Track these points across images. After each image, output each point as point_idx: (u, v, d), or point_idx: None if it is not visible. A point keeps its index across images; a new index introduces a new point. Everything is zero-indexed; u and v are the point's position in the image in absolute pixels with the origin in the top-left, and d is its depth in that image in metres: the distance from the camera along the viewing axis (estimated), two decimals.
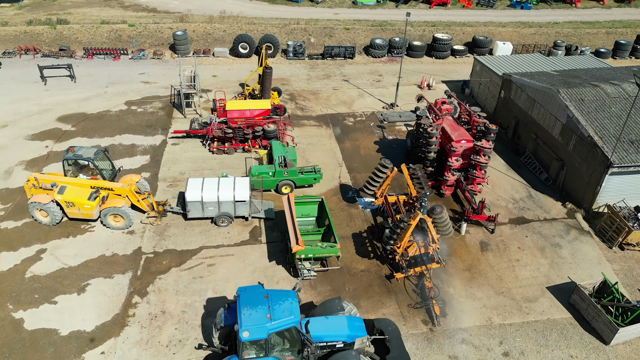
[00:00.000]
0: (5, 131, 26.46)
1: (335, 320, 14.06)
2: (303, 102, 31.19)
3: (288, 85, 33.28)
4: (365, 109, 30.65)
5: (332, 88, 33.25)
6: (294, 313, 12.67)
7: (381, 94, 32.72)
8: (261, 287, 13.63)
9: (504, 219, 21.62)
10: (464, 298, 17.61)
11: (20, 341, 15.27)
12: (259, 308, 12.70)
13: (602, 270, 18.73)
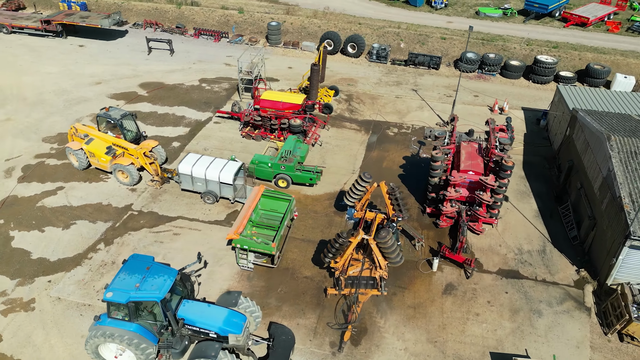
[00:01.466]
0: (96, 87, 31.40)
1: (215, 311, 14.28)
2: (357, 105, 30.83)
3: (353, 87, 33.11)
4: (417, 122, 29.10)
5: (395, 96, 32.17)
6: (161, 290, 13.27)
7: (445, 109, 30.62)
8: (152, 259, 14.47)
9: (492, 268, 19.03)
10: (389, 334, 16.21)
11: (3, 254, 18.55)
12: (134, 276, 13.61)
13: (572, 356, 15.49)
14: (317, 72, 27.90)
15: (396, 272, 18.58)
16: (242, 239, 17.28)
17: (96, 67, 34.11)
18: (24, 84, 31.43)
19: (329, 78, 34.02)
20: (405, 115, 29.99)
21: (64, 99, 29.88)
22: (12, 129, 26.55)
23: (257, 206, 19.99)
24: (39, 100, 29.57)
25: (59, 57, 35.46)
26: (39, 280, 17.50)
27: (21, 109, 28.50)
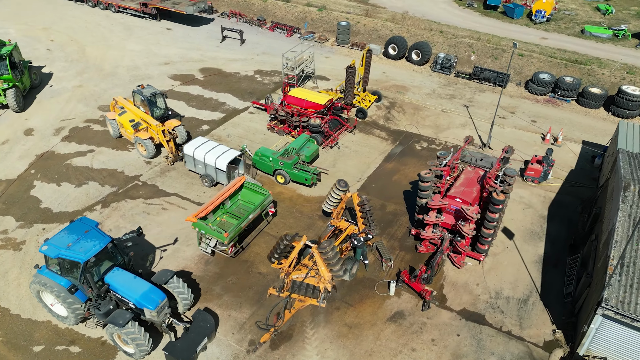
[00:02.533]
0: (163, 67, 34.37)
1: (139, 284, 15.14)
2: (395, 114, 29.79)
3: (401, 95, 31.99)
4: (452, 140, 27.29)
5: (441, 109, 30.43)
6: (87, 253, 14.42)
7: (494, 132, 28.17)
8: (96, 224, 15.72)
9: (455, 306, 17.38)
10: (311, 347, 15.74)
11: (20, 198, 21.48)
12: (71, 236, 14.98)
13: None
14: (352, 74, 27.46)
15: (351, 287, 17.91)
16: (199, 223, 17.96)
17: (171, 50, 37.23)
18: (107, 57, 35.50)
19: (381, 83, 33.29)
20: (443, 130, 28.26)
21: (132, 74, 33.18)
22: (79, 94, 30.26)
23: (237, 196, 20.56)
24: (112, 73, 33.22)
25: (146, 37, 39.34)
26: (36, 227, 19.98)
27: (94, 79, 32.29)
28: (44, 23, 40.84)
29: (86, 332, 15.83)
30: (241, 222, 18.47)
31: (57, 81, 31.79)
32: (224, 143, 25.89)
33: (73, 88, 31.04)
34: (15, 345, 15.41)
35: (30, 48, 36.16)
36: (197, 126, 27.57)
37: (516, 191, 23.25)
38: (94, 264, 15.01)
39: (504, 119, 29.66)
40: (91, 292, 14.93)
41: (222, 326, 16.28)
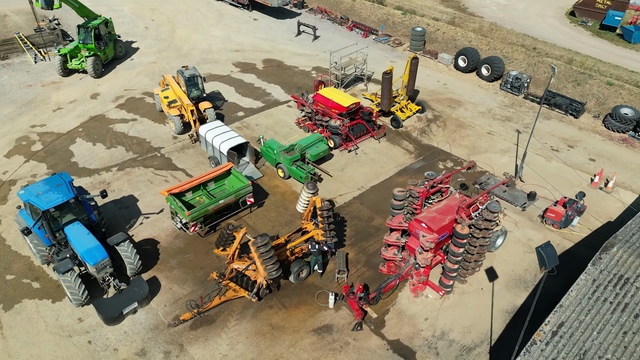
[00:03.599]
0: (231, 54, 36.54)
1: (89, 241, 16.64)
2: (434, 128, 28.17)
3: (450, 109, 30.06)
4: (484, 165, 25.07)
5: (487, 131, 28.01)
6: (48, 204, 16.27)
7: (534, 162, 25.29)
8: (71, 181, 17.58)
9: (390, 335, 16.26)
10: (226, 336, 15.98)
11: (59, 150, 24.76)
12: (45, 186, 17.02)
13: None
14: (387, 81, 26.55)
15: (294, 290, 17.76)
16: (169, 198, 19.13)
17: (248, 39, 39.32)
18: (190, 39, 38.74)
19: (436, 94, 31.63)
20: (478, 153, 26.05)
21: (202, 57, 35.83)
22: (149, 69, 33.63)
23: (224, 181, 21.42)
24: (187, 54, 36.24)
25: (231, 25, 42.04)
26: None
27: (169, 57, 35.55)
28: (152, 4, 45.77)
29: (50, 274, 17.96)
30: (208, 205, 19.26)
31: (139, 56, 35.63)
32: (250, 131, 26.95)
33: (148, 63, 34.53)
34: None
35: (132, 25, 40.89)
36: (234, 112, 28.99)
37: (527, 232, 20.73)
38: (57, 214, 16.92)
39: (556, 151, 26.34)
40: (52, 239, 16.90)
41: (159, 296, 17.29)
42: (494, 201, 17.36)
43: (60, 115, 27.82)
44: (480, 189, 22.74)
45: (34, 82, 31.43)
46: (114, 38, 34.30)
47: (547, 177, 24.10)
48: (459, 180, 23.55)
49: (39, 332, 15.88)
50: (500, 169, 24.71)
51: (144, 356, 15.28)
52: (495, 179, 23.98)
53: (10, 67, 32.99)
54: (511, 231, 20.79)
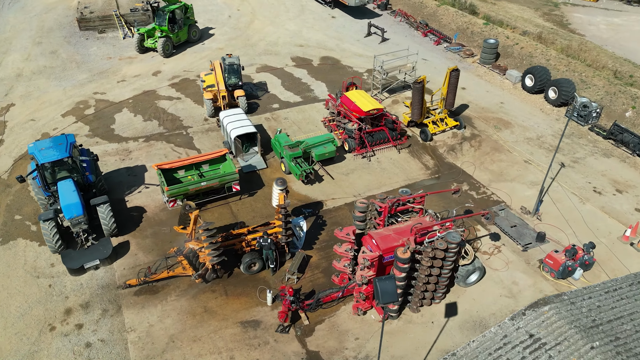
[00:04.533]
0: (294, 48, 37.38)
1: (72, 197, 18.34)
2: (466, 147, 26.24)
3: (495, 130, 27.69)
4: (502, 195, 22.88)
5: (525, 159, 25.36)
6: (44, 158, 18.33)
7: (566, 204, 22.43)
8: (73, 142, 19.68)
9: (312, 346, 15.80)
10: (159, 309, 16.82)
11: (105, 116, 27.67)
12: (50, 143, 19.25)
13: None
14: (418, 90, 25.30)
15: (242, 281, 18.10)
16: (158, 172, 20.47)
17: (317, 35, 39.89)
18: (263, 31, 40.42)
19: (486, 112, 29.41)
20: (501, 181, 23.77)
21: (266, 49, 37.22)
22: (213, 54, 35.80)
23: (219, 165, 22.30)
24: (253, 44, 37.92)
25: (307, 21, 42.92)
26: (95, 139, 25.73)
27: (236, 45, 37.49)
28: None
29: None
30: (188, 184, 20.26)
31: (210, 41, 38.12)
32: (276, 123, 27.54)
33: (216, 49, 36.79)
34: (10, 209, 21.00)
35: (219, 13, 43.76)
36: (270, 103, 29.81)
37: (516, 275, 18.60)
38: (53, 169, 19.09)
39: (598, 193, 23.00)
40: (45, 190, 19.17)
41: (123, 259, 18.72)
42: (455, 232, 15.86)
43: (120, 87, 31.01)
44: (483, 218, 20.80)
45: (115, 55, 35.34)
46: (190, 23, 37.08)
47: (572, 221, 21.22)
48: (466, 206, 21.83)
49: (16, 267, 18.20)
50: (520, 202, 22.27)
51: (86, 309, 16.76)
52: (510, 212, 21.72)
53: (102, 41, 37.41)
54: (497, 270, 18.78)
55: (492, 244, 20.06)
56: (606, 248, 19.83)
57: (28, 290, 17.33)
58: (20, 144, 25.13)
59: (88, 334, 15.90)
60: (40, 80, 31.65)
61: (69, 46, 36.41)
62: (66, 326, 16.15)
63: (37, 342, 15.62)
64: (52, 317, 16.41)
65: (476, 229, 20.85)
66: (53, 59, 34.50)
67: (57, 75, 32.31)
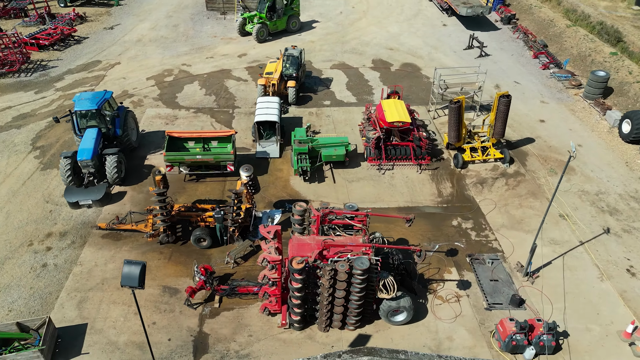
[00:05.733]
0: (383, 51, 36.70)
1: (90, 143, 21.59)
2: (499, 185, 23.26)
3: (548, 174, 23.93)
4: (506, 245, 19.97)
5: (562, 213, 21.53)
6: (78, 107, 21.85)
7: (578, 277, 18.70)
8: (110, 95, 22.76)
9: (208, 328, 16.22)
10: (107, 255, 18.93)
11: (178, 85, 31.11)
12: (90, 96, 22.61)
13: None
14: (453, 111, 23.12)
15: (191, 251, 19.17)
16: (166, 137, 22.55)
17: (414, 41, 38.45)
18: (363, 30, 40.39)
19: (553, 151, 25.55)
20: (513, 230, 20.63)
21: (354, 48, 37.20)
22: (302, 45, 37.20)
23: (226, 144, 23.59)
24: (345, 42, 38.22)
25: (414, 25, 41.51)
26: (157, 103, 29.23)
27: (328, 41, 38.27)
28: None
29: None
30: (184, 154, 22.03)
31: (307, 34, 39.53)
32: (317, 119, 27.83)
33: (308, 41, 38.13)
34: (62, 146, 25.28)
35: (333, 8, 45.00)
36: (322, 99, 30.10)
37: (459, 332, 16.37)
38: (84, 117, 22.47)
39: (631, 274, 18.52)
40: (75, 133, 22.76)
41: (113, 206, 21.29)
42: (366, 258, 14.62)
43: (205, 62, 34.38)
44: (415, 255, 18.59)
45: (219, 35, 39.12)
46: (292, 14, 38.97)
47: (572, 294, 17.64)
48: (455, 244, 19.69)
49: (38, 191, 22.09)
50: (521, 258, 19.10)
51: (61, 237, 19.69)
52: (501, 265, 18.90)
53: (219, 21, 41.63)
54: (440, 319, 16.68)
55: (455, 291, 17.76)
56: (596, 338, 16.05)
57: (34, 210, 20.99)
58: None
59: (49, 257, 18.75)
60: (150, 47, 36.77)
61: (190, 22, 41.35)
62: (40, 245, 19.26)
63: (14, 251, 18.99)
64: (35, 236, 19.70)
65: (449, 270, 18.62)
66: (171, 31, 39.65)
67: (165, 45, 37.14)
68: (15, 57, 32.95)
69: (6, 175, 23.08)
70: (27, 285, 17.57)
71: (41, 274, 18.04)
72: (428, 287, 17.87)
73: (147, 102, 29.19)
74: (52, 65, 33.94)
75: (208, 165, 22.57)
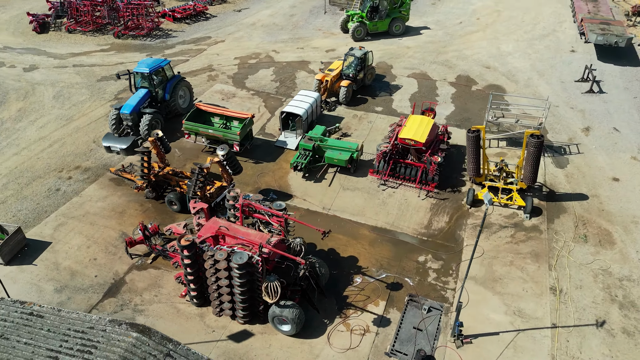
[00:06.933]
0: (477, 68, 33.74)
1: (135, 100, 25.07)
2: (503, 235, 20.17)
3: (572, 238, 19.91)
4: (463, 299, 17.57)
5: (554, 286, 17.84)
6: (136, 69, 25.54)
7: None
8: (167, 63, 25.86)
9: (125, 287, 18.01)
10: (104, 193, 21.99)
11: (246, 70, 33.47)
12: (150, 61, 26.13)
13: None
14: (471, 140, 20.60)
15: (168, 214, 21.17)
16: (194, 108, 24.82)
17: (520, 62, 34.23)
18: (470, 44, 37.49)
19: (603, 217, 21.08)
20: (480, 286, 17.84)
21: (446, 60, 34.75)
22: (392, 52, 36.33)
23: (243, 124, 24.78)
24: (441, 52, 36.03)
25: (534, 46, 36.64)
26: (227, 80, 31.95)
27: (426, 50, 36.50)
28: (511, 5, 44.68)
29: None
30: (199, 126, 23.93)
31: (408, 39, 38.28)
32: (356, 122, 27.41)
33: (403, 47, 37.03)
34: None
35: (455, 17, 42.61)
36: (376, 105, 29.27)
37: None
38: (139, 78, 25.96)
39: None
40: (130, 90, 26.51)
41: (133, 158, 24.38)
42: (246, 254, 14.59)
43: (293, 52, 36.07)
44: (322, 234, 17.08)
45: (324, 29, 40.47)
46: (398, 17, 38.14)
47: None
48: (407, 280, 18.10)
49: (92, 131, 26.42)
50: (469, 319, 16.54)
51: (84, 171, 23.42)
52: (439, 318, 16.74)
53: (334, 16, 42.96)
54: (330, 346, 15.69)
55: (368, 324, 16.34)
56: None
57: (81, 146, 25.32)
58: (193, 66, 33.76)
59: (65, 184, 22.61)
60: (257, 31, 39.95)
61: (307, 14, 43.51)
62: (65, 174, 23.31)
63: (47, 173, 23.34)
64: (67, 165, 23.87)
65: (377, 302, 17.14)
66: (284, 20, 42.35)
67: (270, 31, 39.93)
68: (147, 23, 39.08)
69: (82, 114, 28.13)
70: (36, 201, 21.59)
71: (51, 195, 21.93)
72: (342, 311, 16.79)
73: (220, 78, 32.12)
74: (174, 35, 39.38)
75: (219, 140, 24.21)
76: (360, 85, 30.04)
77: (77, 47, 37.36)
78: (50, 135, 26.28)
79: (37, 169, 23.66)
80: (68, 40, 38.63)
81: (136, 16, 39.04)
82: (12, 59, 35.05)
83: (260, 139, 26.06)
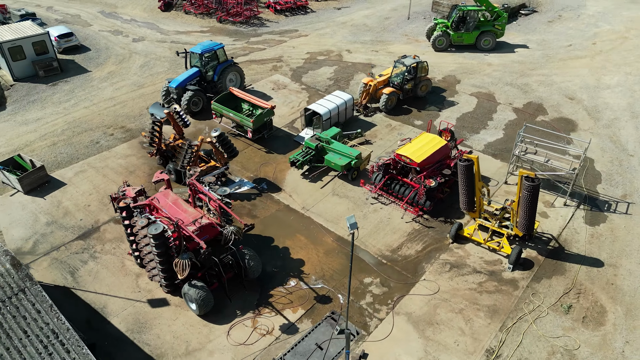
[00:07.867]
0: (556, 97, 29.84)
1: (185, 76, 27.69)
2: (469, 280, 18.07)
3: (558, 306, 17.01)
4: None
5: (495, 348, 15.54)
6: (191, 50, 28.08)
7: None
8: (221, 47, 27.88)
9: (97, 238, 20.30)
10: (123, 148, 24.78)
11: (306, 70, 34.07)
12: (207, 44, 28.47)
13: None
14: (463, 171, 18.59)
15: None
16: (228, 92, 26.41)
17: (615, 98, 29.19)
18: (563, 69, 33.06)
19: (602, 289, 17.73)
20: (416, 327, 16.28)
21: (523, 84, 31.14)
22: (465, 68, 33.79)
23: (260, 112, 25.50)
24: (523, 75, 32.38)
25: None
26: (286, 72, 33.09)
27: (506, 71, 33.17)
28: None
29: None
30: (223, 109, 25.31)
31: (494, 56, 35.07)
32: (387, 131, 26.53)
33: (483, 63, 34.13)
34: None
35: (567, 38, 37.88)
36: (419, 118, 27.74)
37: (219, 357, 15.47)
38: (194, 58, 28.38)
39: None
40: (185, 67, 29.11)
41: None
42: (161, 226, 15.55)
43: (365, 54, 35.71)
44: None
45: (411, 34, 39.23)
46: (488, 30, 35.30)
47: None
48: (339, 314, 17.58)
49: (155, 97, 29.71)
50: (388, 353, 15.41)
51: (125, 131, 26.55)
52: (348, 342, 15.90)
53: (429, 23, 41.36)
54: (227, 336, 15.97)
55: (273, 327, 16.17)
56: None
57: (136, 110, 28.58)
58: (265, 55, 35.62)
59: (104, 139, 25.96)
60: (343, 30, 40.34)
61: (402, 18, 42.61)
62: (110, 130, 26.74)
63: (97, 128, 26.98)
64: (116, 124, 27.32)
65: (296, 309, 16.82)
66: (377, 22, 42.13)
67: (356, 32, 40.00)
68: (245, 12, 42.05)
69: (152, 84, 31.75)
70: (76, 148, 25.25)
71: (89, 146, 25.45)
72: (259, 308, 16.84)
73: (282, 70, 33.39)
74: (267, 25, 41.80)
75: (239, 125, 25.47)
76: (408, 95, 28.73)
77: (184, 26, 41.81)
78: (119, 96, 30.23)
79: (93, 122, 27.53)
80: (181, 19, 43.40)
81: (239, 4, 42.25)
82: (130, 29, 40.68)
83: (284, 131, 26.71)
